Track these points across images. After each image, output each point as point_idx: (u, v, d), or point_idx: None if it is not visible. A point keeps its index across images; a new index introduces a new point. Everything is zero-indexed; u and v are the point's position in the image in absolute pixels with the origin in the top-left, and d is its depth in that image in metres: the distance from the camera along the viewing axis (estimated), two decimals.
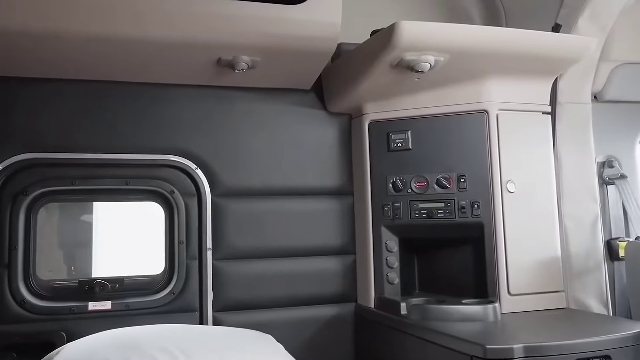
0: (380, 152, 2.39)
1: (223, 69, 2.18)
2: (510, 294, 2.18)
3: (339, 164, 2.50)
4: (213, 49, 2.06)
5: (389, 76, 2.17)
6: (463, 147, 2.27)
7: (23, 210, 2.14)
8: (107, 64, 2.13)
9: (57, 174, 2.19)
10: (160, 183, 2.28)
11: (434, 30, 2.02)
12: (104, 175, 2.23)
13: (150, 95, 2.29)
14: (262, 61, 2.15)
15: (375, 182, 2.39)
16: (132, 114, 2.27)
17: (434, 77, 2.19)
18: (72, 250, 2.30)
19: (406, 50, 2.01)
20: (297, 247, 2.42)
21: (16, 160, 2.13)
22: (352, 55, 2.29)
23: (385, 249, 2.36)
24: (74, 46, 1.96)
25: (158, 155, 2.28)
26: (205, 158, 2.34)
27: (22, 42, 1.92)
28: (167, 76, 2.27)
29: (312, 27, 2.04)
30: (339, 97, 2.41)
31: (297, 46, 2.08)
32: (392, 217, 2.34)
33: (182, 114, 2.32)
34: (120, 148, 2.24)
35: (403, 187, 2.33)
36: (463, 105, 2.27)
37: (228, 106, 2.38)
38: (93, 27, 1.89)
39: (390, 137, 2.37)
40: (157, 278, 2.31)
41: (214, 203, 2.34)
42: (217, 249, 2.33)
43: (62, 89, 2.20)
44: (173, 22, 1.93)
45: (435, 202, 2.28)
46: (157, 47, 2.01)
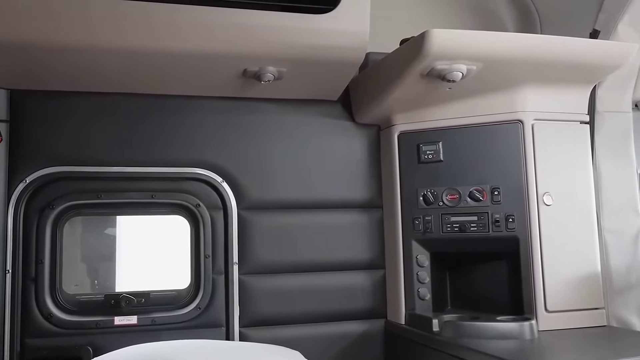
0: (411, 164, 2.35)
1: (249, 80, 2.17)
2: (547, 310, 2.12)
3: (367, 177, 2.47)
4: (238, 60, 2.04)
5: (419, 86, 2.13)
6: (497, 158, 2.22)
7: (49, 224, 2.15)
8: (132, 77, 2.13)
9: (83, 188, 2.19)
10: (185, 196, 2.28)
11: (466, 38, 1.98)
12: (129, 188, 2.23)
13: (176, 107, 2.29)
14: (288, 72, 2.13)
15: (406, 195, 2.35)
16: (158, 126, 2.27)
17: (466, 87, 2.15)
18: (96, 264, 2.30)
19: (437, 59, 1.97)
20: (325, 262, 2.40)
21: (42, 174, 2.14)
22: (380, 64, 2.26)
23: (416, 263, 2.32)
24: (99, 59, 1.97)
25: (184, 169, 2.27)
26: (231, 171, 2.32)
27: (47, 56, 1.93)
28: (192, 88, 2.26)
29: (339, 36, 2.01)
30: (368, 107, 2.38)
31: (324, 56, 2.06)
32: (423, 231, 2.30)
33: (207, 126, 2.31)
34: (145, 161, 2.24)
35: (434, 200, 2.29)
36: (497, 115, 2.23)
37: (254, 118, 2.37)
38: (118, 40, 1.89)
39: (420, 149, 2.33)
40: (182, 293, 2.31)
41: (240, 216, 2.33)
42: (244, 263, 2.31)
43: (87, 102, 2.21)
44: (198, 33, 1.92)
45: (467, 216, 2.24)
46: (182, 59, 2.00)
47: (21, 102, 2.14)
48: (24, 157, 2.13)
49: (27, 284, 2.12)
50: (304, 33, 1.99)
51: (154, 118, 2.26)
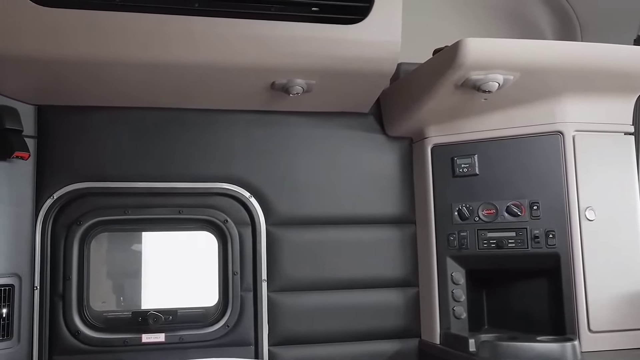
0: (445, 178, 2.31)
1: (277, 93, 2.15)
2: (590, 331, 2.06)
3: (399, 191, 2.43)
4: (266, 72, 2.03)
5: (453, 97, 2.10)
6: (536, 171, 2.17)
7: (77, 240, 2.16)
8: (158, 91, 2.13)
9: (110, 204, 2.20)
10: (213, 212, 2.27)
11: (502, 47, 1.94)
12: (156, 204, 2.23)
13: (203, 121, 2.28)
14: (317, 84, 2.11)
15: (440, 210, 2.31)
16: (184, 141, 2.26)
17: (503, 97, 2.10)
18: (122, 280, 2.30)
19: (472, 69, 1.94)
20: (357, 279, 2.36)
21: (69, 190, 2.15)
22: (413, 75, 2.23)
23: (451, 281, 2.28)
24: (126, 74, 1.97)
25: (211, 184, 2.26)
26: (259, 186, 2.31)
27: (74, 72, 1.94)
28: (219, 102, 2.25)
29: (370, 47, 1.99)
30: (399, 120, 2.35)
31: (354, 68, 2.04)
32: (458, 247, 2.25)
33: (235, 140, 2.30)
34: (172, 176, 2.24)
35: (470, 215, 2.25)
36: (535, 126, 2.18)
37: (282, 132, 2.35)
38: (144, 54, 1.89)
39: (455, 162, 2.29)
40: (210, 310, 2.29)
41: (269, 232, 2.31)
42: (273, 280, 2.29)
43: (115, 116, 2.22)
44: (225, 46, 1.92)
45: (505, 231, 2.19)
46: (210, 72, 1.99)
47: (48, 118, 2.16)
48: (52, 173, 2.14)
49: (54, 301, 2.13)
50: (333, 44, 1.97)
51: (181, 132, 2.26)
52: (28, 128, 2.09)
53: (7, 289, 2.00)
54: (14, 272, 2.02)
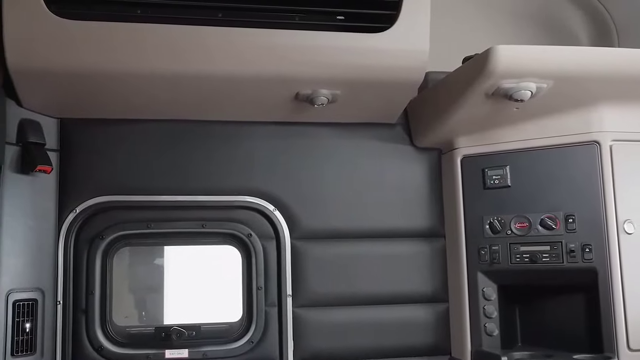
0: (475, 190, 2.27)
1: (301, 104, 2.13)
2: (630, 349, 2.01)
3: (428, 204, 2.40)
4: (290, 83, 2.01)
5: (484, 106, 2.06)
6: (571, 183, 2.13)
7: (99, 254, 2.16)
8: (181, 103, 2.12)
9: (133, 217, 2.20)
10: (237, 226, 2.26)
11: (534, 54, 1.91)
12: (179, 217, 2.23)
13: (226, 133, 2.28)
14: (343, 94, 2.08)
15: (470, 223, 2.27)
16: (208, 153, 2.26)
17: (536, 106, 2.06)
18: (144, 295, 2.30)
19: (503, 78, 1.91)
20: (384, 294, 2.33)
21: (92, 204, 2.15)
22: (441, 84, 2.20)
23: (482, 296, 2.24)
24: (149, 85, 1.97)
25: (234, 197, 2.25)
26: (283, 199, 2.29)
27: (97, 84, 1.94)
28: (242, 113, 2.24)
29: (397, 55, 1.97)
30: (428, 130, 2.32)
31: (381, 77, 2.01)
32: (490, 261, 2.22)
33: (259, 152, 2.29)
34: (195, 189, 2.23)
35: (502, 228, 2.21)
36: (570, 136, 2.13)
37: (307, 143, 2.33)
38: (167, 65, 1.89)
39: (486, 174, 2.25)
40: (234, 326, 2.28)
41: (294, 246, 2.29)
42: (298, 295, 2.27)
43: (137, 129, 2.22)
44: (248, 56, 1.91)
45: (539, 245, 2.15)
46: (233, 83, 1.98)
47: (71, 131, 2.16)
48: (74, 187, 2.15)
49: (77, 316, 2.13)
50: (359, 53, 1.95)
51: (204, 145, 2.26)
52: (50, 141, 2.09)
53: (30, 304, 1.99)
54: (37, 286, 2.02)
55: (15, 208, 1.97)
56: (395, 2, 1.93)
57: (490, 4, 2.61)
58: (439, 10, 2.07)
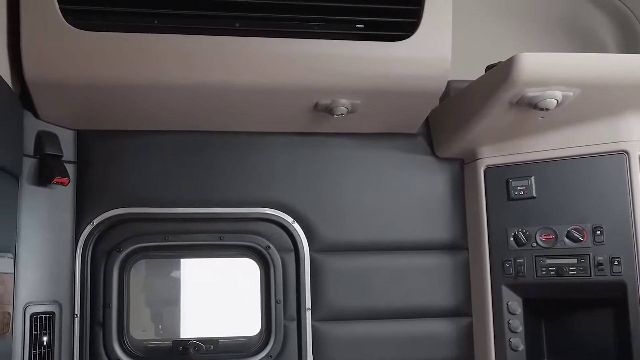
0: (499, 202, 2.24)
1: (320, 114, 2.11)
2: None
3: (450, 215, 2.36)
4: (309, 93, 2.00)
5: (507, 115, 2.03)
6: (599, 193, 2.09)
7: (117, 267, 2.16)
8: (198, 114, 2.12)
9: (150, 230, 2.19)
10: (255, 238, 2.24)
11: (560, 62, 1.87)
12: (197, 230, 2.22)
13: (244, 144, 2.27)
14: (362, 104, 2.06)
15: (494, 236, 2.24)
16: (226, 164, 2.25)
17: (562, 115, 2.03)
18: (160, 308, 2.30)
19: (528, 86, 1.87)
20: (406, 308, 2.29)
21: (109, 216, 2.15)
22: (464, 93, 2.17)
23: (507, 310, 2.21)
24: (167, 96, 1.97)
25: (253, 209, 2.24)
26: (302, 211, 2.27)
27: (114, 95, 1.94)
28: (261, 124, 2.23)
29: (418, 64, 1.95)
30: (450, 140, 2.29)
31: (402, 86, 1.99)
32: (514, 274, 2.18)
33: (277, 163, 2.28)
34: (213, 201, 2.22)
35: (527, 240, 2.18)
36: (598, 145, 2.10)
37: (326, 154, 2.31)
38: (184, 76, 1.88)
39: (510, 184, 2.22)
40: (253, 339, 2.26)
41: (313, 259, 2.27)
42: (317, 309, 2.25)
43: (155, 140, 2.21)
44: (265, 66, 1.90)
45: (565, 258, 2.11)
46: (251, 93, 1.97)
47: (88, 143, 2.16)
48: (91, 199, 2.15)
49: (95, 329, 2.12)
50: (379, 62, 1.93)
51: (221, 156, 2.25)
52: (68, 153, 2.10)
53: (47, 317, 1.99)
54: (54, 299, 2.02)
55: (33, 220, 1.97)
56: (416, 10, 1.91)
57: (514, 10, 2.57)
58: (461, 17, 2.04)
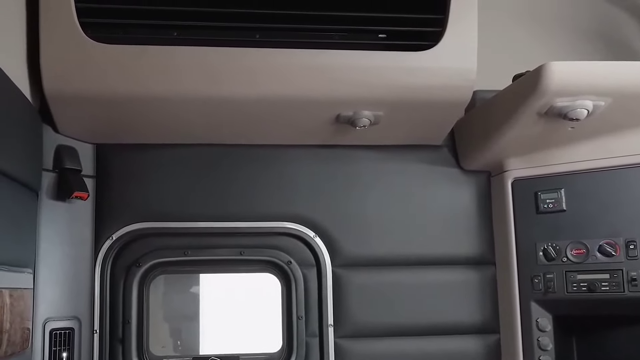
0: (527, 215, 2.19)
1: (342, 126, 2.08)
2: None
3: (477, 229, 2.31)
4: (331, 104, 1.97)
5: (536, 126, 1.99)
6: (632, 206, 2.04)
7: (136, 282, 2.14)
8: (219, 127, 2.10)
9: (170, 244, 2.17)
10: (276, 253, 2.21)
11: (591, 71, 1.83)
12: (217, 245, 2.20)
13: (264, 157, 2.24)
14: (386, 116, 2.02)
15: (522, 250, 2.19)
16: (245, 178, 2.22)
17: (593, 125, 1.97)
18: (179, 324, 2.28)
19: (557, 96, 1.82)
20: (431, 325, 2.25)
21: (129, 231, 2.13)
22: (490, 103, 2.13)
23: (536, 328, 2.16)
24: (186, 109, 1.95)
25: (274, 223, 2.21)
26: (324, 225, 2.23)
27: (134, 109, 1.93)
28: (281, 136, 2.21)
29: (443, 74, 1.92)
30: (476, 152, 2.25)
31: (426, 97, 1.96)
32: (544, 290, 2.13)
33: (298, 177, 2.25)
34: (234, 215, 2.19)
35: (556, 255, 2.13)
36: (630, 157, 2.05)
37: (348, 167, 2.27)
38: (203, 88, 1.87)
39: (539, 197, 2.17)
40: (274, 356, 2.24)
41: (335, 274, 2.23)
42: (340, 325, 2.21)
43: (174, 154, 2.20)
44: (287, 78, 1.88)
45: (597, 273, 2.06)
46: (271, 105, 1.95)
47: (107, 157, 2.15)
48: (111, 213, 2.13)
49: (114, 345, 2.11)
50: (403, 72, 1.90)
51: (242, 169, 2.23)
52: (87, 167, 2.09)
53: (67, 333, 1.98)
54: (73, 315, 2.01)
55: (52, 235, 1.97)
56: (440, 19, 1.88)
57: (541, 18, 2.51)
58: (487, 25, 2.01)
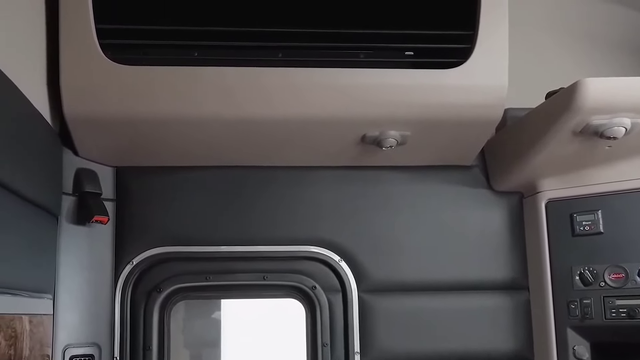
0: (563, 238, 2.12)
1: (368, 146, 2.03)
2: None
3: (509, 253, 2.24)
4: (356, 124, 1.93)
5: (571, 145, 1.92)
6: None
7: (157, 308, 2.10)
8: (241, 149, 2.06)
9: (191, 269, 2.13)
10: (300, 278, 2.16)
11: (628, 87, 1.76)
12: (239, 269, 2.15)
13: (288, 179, 2.20)
14: (413, 136, 1.98)
15: (557, 274, 2.12)
16: (269, 201, 2.18)
17: (632, 143, 1.91)
18: (199, 350, 2.26)
19: (593, 114, 1.77)
20: (462, 353, 2.17)
21: (149, 255, 2.09)
22: (522, 122, 2.07)
23: (573, 355, 2.08)
24: (208, 131, 1.92)
25: (298, 247, 2.16)
26: (350, 249, 2.18)
27: (154, 131, 1.91)
28: (305, 158, 2.16)
29: (473, 92, 1.87)
30: (507, 172, 2.18)
31: (455, 116, 1.91)
32: (581, 317, 2.06)
33: (323, 199, 2.20)
34: (256, 239, 2.15)
35: (594, 279, 2.05)
36: None
37: (375, 189, 2.22)
38: (225, 109, 1.84)
39: (574, 219, 2.10)
40: None
41: (362, 300, 2.17)
42: (366, 353, 2.15)
43: (195, 177, 2.16)
44: (310, 97, 1.84)
45: (637, 299, 2.00)
46: (295, 126, 1.92)
47: (127, 180, 2.12)
48: (131, 238, 2.10)
49: None
50: (430, 91, 1.85)
51: (265, 192, 2.18)
52: (107, 191, 2.06)
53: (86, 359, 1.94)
54: (93, 341, 1.97)
55: (72, 260, 1.94)
56: (469, 35, 1.83)
57: (576, 32, 2.44)
58: (518, 40, 1.95)
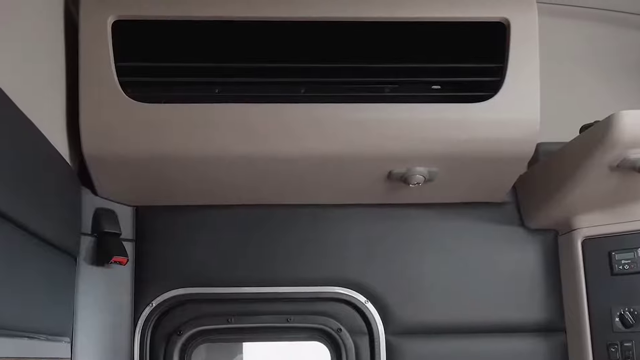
0: (601, 277, 2.05)
1: (394, 183, 1.98)
2: None
3: (544, 293, 2.16)
4: (382, 161, 1.88)
5: (607, 180, 1.86)
6: None
7: (177, 352, 2.04)
8: (264, 187, 2.03)
9: (212, 311, 2.08)
10: (325, 320, 2.10)
11: None
12: (262, 311, 2.09)
13: (313, 218, 2.15)
14: (441, 172, 1.92)
15: (596, 316, 2.04)
16: (293, 240, 2.13)
17: None
18: None
19: (631, 147, 1.73)
20: None
21: (169, 297, 2.04)
22: (556, 157, 2.02)
23: None
24: (229, 169, 1.89)
25: (322, 288, 2.10)
26: (377, 290, 2.11)
27: (174, 170, 1.88)
28: (330, 196, 2.12)
29: (503, 126, 1.81)
30: (541, 209, 2.12)
31: (485, 151, 1.86)
32: None
33: (348, 238, 2.14)
34: (279, 280, 2.10)
35: (635, 321, 1.99)
36: None
37: (402, 227, 2.16)
38: (247, 147, 1.80)
39: (613, 258, 2.03)
40: None
41: (389, 343, 2.10)
42: None
43: (217, 216, 2.13)
44: (334, 134, 1.80)
45: None
46: (319, 164, 1.88)
47: (147, 220, 2.09)
48: (151, 279, 2.06)
49: None
50: (459, 125, 1.81)
51: (288, 231, 2.14)
52: (126, 231, 2.02)
53: None
54: None
55: (90, 302, 1.89)
56: (499, 68, 1.78)
57: (609, 64, 2.39)
58: (550, 72, 1.90)
